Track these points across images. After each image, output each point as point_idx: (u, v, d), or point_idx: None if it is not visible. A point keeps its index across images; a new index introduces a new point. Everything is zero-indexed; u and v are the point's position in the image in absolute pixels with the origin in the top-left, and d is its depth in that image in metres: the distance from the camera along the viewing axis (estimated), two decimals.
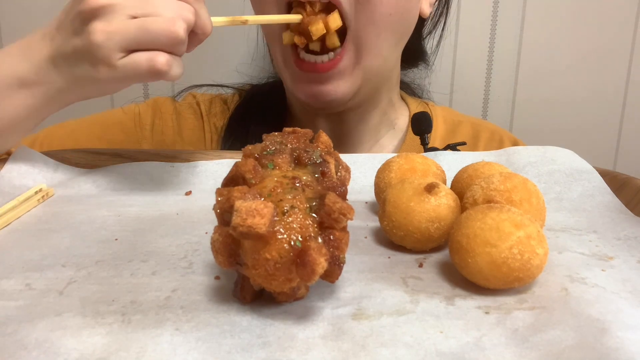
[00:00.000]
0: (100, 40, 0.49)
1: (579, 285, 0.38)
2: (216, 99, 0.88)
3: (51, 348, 0.31)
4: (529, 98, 1.08)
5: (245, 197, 0.33)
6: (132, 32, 0.49)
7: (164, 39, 0.49)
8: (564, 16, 1.03)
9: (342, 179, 0.40)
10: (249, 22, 0.59)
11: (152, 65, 0.49)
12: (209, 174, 0.60)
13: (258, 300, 0.36)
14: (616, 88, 1.07)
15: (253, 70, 1.00)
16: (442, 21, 0.87)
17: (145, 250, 0.43)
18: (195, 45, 0.55)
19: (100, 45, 0.49)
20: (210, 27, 0.54)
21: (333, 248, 0.33)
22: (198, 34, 0.53)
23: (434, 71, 1.00)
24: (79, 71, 0.52)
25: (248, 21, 0.59)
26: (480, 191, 0.43)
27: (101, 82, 0.52)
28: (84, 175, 0.60)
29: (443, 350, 0.31)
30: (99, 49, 0.49)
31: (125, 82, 0.52)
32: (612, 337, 0.32)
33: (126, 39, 0.49)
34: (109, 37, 0.49)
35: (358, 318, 0.34)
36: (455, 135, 0.86)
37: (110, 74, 0.50)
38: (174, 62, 0.51)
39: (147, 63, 0.49)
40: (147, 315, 0.34)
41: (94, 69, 0.50)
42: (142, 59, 0.49)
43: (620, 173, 0.58)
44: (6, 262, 0.41)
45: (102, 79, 0.51)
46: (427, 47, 0.90)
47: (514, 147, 0.62)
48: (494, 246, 0.35)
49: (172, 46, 0.50)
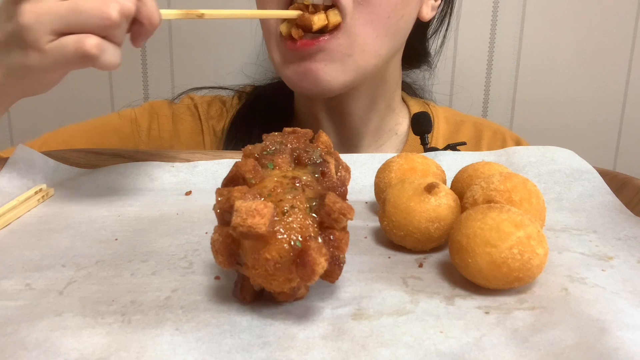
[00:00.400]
0: (29, 22, 0.47)
1: (579, 285, 0.38)
2: (215, 101, 0.88)
3: (51, 348, 0.31)
4: (529, 98, 1.08)
5: (245, 197, 0.33)
6: (62, 12, 0.47)
7: (96, 20, 0.46)
8: (564, 16, 1.03)
9: (342, 179, 0.40)
10: (206, 17, 0.55)
11: (80, 47, 0.46)
12: (209, 174, 0.60)
13: (258, 300, 0.36)
14: (616, 88, 1.07)
15: (257, 71, 1.00)
16: (446, 22, 0.87)
17: (145, 250, 0.43)
18: (144, 37, 0.52)
19: (29, 27, 0.47)
20: (157, 17, 0.51)
21: (333, 248, 0.33)
22: (145, 24, 0.51)
23: (435, 71, 1.00)
24: (12, 59, 0.50)
25: (204, 15, 0.55)
26: (480, 191, 0.43)
27: (34, 71, 0.49)
28: (84, 175, 0.60)
29: (443, 350, 0.31)
30: (27, 30, 0.47)
31: (56, 70, 0.50)
32: (612, 337, 0.32)
33: (55, 21, 0.47)
34: (37, 19, 0.47)
35: (358, 318, 0.34)
36: (458, 134, 0.86)
37: (40, 60, 0.48)
38: (108, 47, 0.48)
39: (74, 45, 0.46)
40: (147, 315, 0.34)
41: (24, 55, 0.48)
42: (70, 41, 0.47)
43: (620, 173, 0.58)
44: (6, 262, 0.41)
45: (33, 65, 0.48)
46: (430, 49, 0.90)
47: (513, 147, 0.62)
48: (494, 246, 0.35)
49: (104, 29, 0.47)
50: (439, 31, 0.87)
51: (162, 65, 1.06)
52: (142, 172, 0.60)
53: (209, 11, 0.56)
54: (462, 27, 1.04)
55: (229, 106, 0.87)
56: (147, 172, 0.60)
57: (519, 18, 1.04)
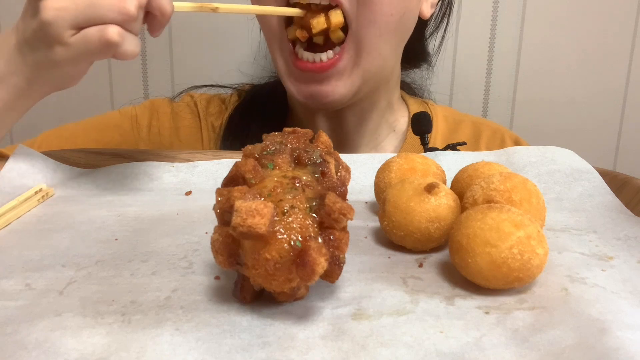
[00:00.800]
0: (51, 18, 0.49)
1: (579, 285, 0.38)
2: (214, 99, 0.88)
3: (51, 348, 0.31)
4: (529, 98, 1.08)
5: (245, 197, 0.33)
6: (81, 8, 0.49)
7: (114, 14, 0.49)
8: (564, 16, 1.03)
9: (342, 179, 0.40)
10: (220, 10, 0.56)
11: (103, 36, 0.49)
12: (209, 174, 0.60)
13: (258, 300, 0.36)
14: (616, 88, 1.07)
15: (255, 70, 1.00)
16: (444, 22, 0.87)
17: (145, 250, 0.43)
18: (158, 29, 0.54)
19: (51, 23, 0.49)
20: (169, 8, 0.53)
21: (333, 248, 0.33)
22: (157, 15, 0.53)
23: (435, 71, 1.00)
24: (39, 55, 0.52)
25: (219, 9, 0.56)
26: (480, 191, 0.43)
27: (60, 65, 0.52)
28: (84, 175, 0.60)
29: (443, 350, 0.31)
30: (50, 26, 0.49)
31: (81, 61, 0.52)
32: (612, 337, 0.32)
33: (76, 15, 0.49)
34: (58, 14, 0.49)
35: (358, 318, 0.34)
36: (456, 133, 0.86)
37: (65, 53, 0.50)
38: (127, 36, 0.51)
39: (97, 35, 0.49)
40: (147, 315, 0.34)
41: (50, 50, 0.51)
42: (92, 32, 0.50)
43: (620, 173, 0.58)
44: (6, 262, 0.41)
45: (59, 60, 0.51)
46: (430, 48, 0.90)
47: (513, 147, 0.62)
48: (494, 246, 0.35)
49: (123, 22, 0.50)
50: (438, 30, 0.88)
51: (161, 63, 1.06)
52: (142, 172, 0.60)
53: (224, 5, 0.56)
54: (462, 27, 1.04)
55: (227, 104, 0.88)
56: (147, 172, 0.60)
57: (519, 18, 1.04)
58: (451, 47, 1.05)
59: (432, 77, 1.00)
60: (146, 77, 1.07)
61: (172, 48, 1.05)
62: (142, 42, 1.01)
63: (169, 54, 1.05)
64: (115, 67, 1.06)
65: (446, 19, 0.87)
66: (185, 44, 1.05)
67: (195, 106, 0.87)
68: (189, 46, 1.05)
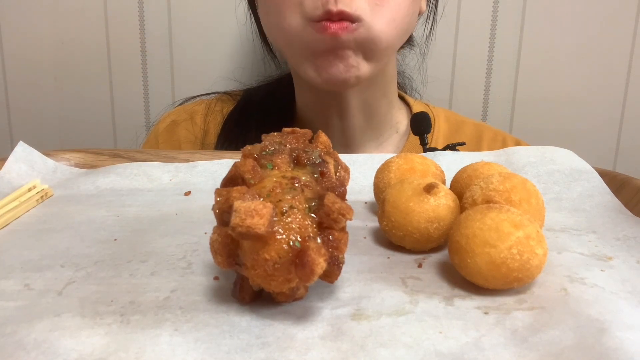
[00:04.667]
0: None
1: (578, 286, 0.38)
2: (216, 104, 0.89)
3: (50, 348, 0.31)
4: (529, 98, 1.07)
5: (244, 198, 0.33)
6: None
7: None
8: (564, 16, 1.03)
9: (342, 179, 0.40)
10: None
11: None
12: (209, 174, 0.60)
13: (257, 300, 0.36)
14: (616, 88, 1.07)
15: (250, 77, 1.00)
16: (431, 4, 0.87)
17: (145, 250, 0.43)
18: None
19: None
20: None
21: (332, 248, 0.33)
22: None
23: (434, 72, 1.00)
24: None
25: None
26: (480, 191, 0.43)
27: None
28: (83, 176, 0.60)
29: (442, 351, 0.31)
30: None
31: None
32: (611, 337, 0.32)
33: None
34: None
35: (357, 318, 0.34)
36: (458, 134, 0.86)
37: None
38: None
39: None
40: (146, 315, 0.34)
41: None
42: None
43: (619, 173, 0.58)
44: (5, 262, 0.41)
45: None
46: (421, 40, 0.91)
47: (513, 147, 0.62)
48: (493, 246, 0.35)
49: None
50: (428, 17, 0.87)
51: (162, 65, 1.06)
52: (141, 172, 0.60)
53: None
54: (462, 27, 1.04)
55: (225, 112, 0.88)
56: (146, 173, 0.60)
57: (519, 18, 1.04)
58: (451, 47, 1.05)
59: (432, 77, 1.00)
60: (146, 77, 1.07)
61: (172, 48, 1.05)
62: (142, 42, 1.02)
63: (169, 56, 1.05)
64: (116, 67, 1.06)
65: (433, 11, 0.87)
66: (185, 45, 1.05)
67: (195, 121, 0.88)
68: (189, 47, 1.05)
